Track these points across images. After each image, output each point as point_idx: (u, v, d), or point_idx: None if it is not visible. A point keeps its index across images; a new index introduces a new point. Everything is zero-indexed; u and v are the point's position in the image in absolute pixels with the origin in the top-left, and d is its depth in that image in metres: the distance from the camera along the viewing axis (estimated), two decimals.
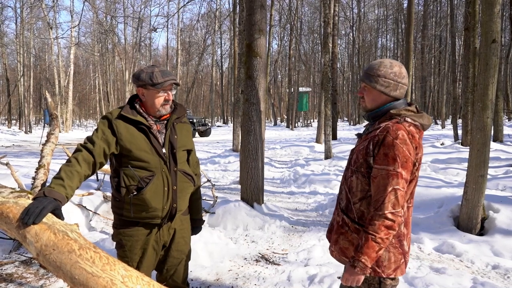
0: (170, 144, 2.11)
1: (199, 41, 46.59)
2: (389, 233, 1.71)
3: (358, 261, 1.74)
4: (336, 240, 1.98)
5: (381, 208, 1.71)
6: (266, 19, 5.87)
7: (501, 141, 14.21)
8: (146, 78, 2.05)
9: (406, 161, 1.73)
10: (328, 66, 11.59)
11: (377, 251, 1.72)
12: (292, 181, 9.13)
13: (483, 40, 4.38)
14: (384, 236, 1.71)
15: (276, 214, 5.76)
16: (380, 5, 45.70)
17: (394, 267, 1.85)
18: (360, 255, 1.73)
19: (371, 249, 1.72)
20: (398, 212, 1.71)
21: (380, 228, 1.71)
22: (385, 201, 1.70)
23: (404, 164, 1.72)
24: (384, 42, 50.08)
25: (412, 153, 1.74)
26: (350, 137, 22.46)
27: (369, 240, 1.72)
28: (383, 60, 1.92)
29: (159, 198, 2.05)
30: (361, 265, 1.74)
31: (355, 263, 1.75)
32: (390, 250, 1.84)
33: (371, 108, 1.92)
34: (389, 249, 1.84)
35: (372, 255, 1.72)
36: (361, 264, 1.73)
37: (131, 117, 2.04)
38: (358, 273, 1.75)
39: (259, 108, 5.75)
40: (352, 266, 1.76)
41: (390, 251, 1.84)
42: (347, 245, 1.91)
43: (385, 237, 1.71)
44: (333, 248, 2.00)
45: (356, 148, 1.94)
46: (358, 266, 1.74)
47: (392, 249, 1.85)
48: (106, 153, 2.00)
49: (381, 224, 1.71)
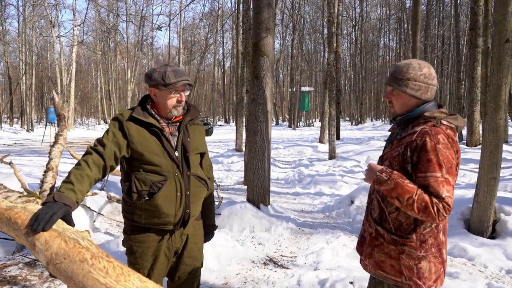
0: (183, 147, 2.03)
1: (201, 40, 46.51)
2: (427, 215, 1.62)
3: (387, 174, 1.67)
4: (370, 253, 1.87)
5: None
6: (273, 18, 5.79)
7: (506, 141, 14.11)
8: (159, 78, 1.97)
9: (451, 167, 1.64)
10: (333, 65, 11.51)
11: (401, 195, 1.63)
12: (296, 181, 9.05)
13: (496, 39, 4.29)
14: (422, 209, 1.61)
15: (282, 216, 5.68)
16: (382, 4, 45.58)
17: (435, 278, 1.76)
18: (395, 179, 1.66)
19: (406, 192, 1.62)
20: (445, 219, 1.64)
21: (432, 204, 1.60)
22: None
23: (450, 170, 1.64)
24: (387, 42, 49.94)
25: (454, 158, 1.66)
26: (353, 137, 22.38)
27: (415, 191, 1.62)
28: (411, 61, 1.83)
29: (171, 204, 1.97)
30: (383, 178, 1.67)
31: (384, 174, 1.68)
32: (431, 260, 1.75)
33: (402, 113, 1.83)
34: (429, 259, 1.75)
35: (398, 190, 1.64)
36: (384, 177, 1.67)
37: (142, 119, 1.96)
38: (375, 178, 1.70)
39: (265, 108, 5.67)
40: (380, 171, 1.69)
41: (431, 261, 1.75)
42: (384, 258, 1.81)
43: (420, 210, 1.61)
44: (366, 262, 1.90)
45: (387, 154, 1.84)
46: (382, 176, 1.68)
47: (432, 259, 1.75)
48: (117, 156, 1.92)
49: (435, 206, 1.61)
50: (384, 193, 1.70)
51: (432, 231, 1.75)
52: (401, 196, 1.63)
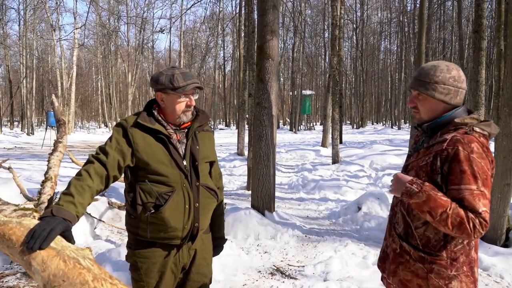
0: (192, 155, 1.90)
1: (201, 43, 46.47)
2: (462, 231, 1.47)
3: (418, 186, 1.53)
4: (394, 271, 1.73)
5: None
6: (279, 20, 5.67)
7: None
8: (166, 81, 1.84)
9: (486, 178, 1.50)
10: (336, 69, 11.38)
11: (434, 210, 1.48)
12: (300, 186, 8.90)
13: (509, 42, 4.16)
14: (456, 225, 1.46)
15: (288, 223, 5.54)
16: (383, 8, 45.54)
17: None
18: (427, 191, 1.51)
19: (439, 206, 1.48)
20: (481, 235, 1.50)
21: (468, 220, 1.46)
22: None
23: (485, 182, 1.50)
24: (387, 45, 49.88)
25: (489, 168, 1.52)
26: (355, 141, 22.23)
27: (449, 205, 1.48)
28: (438, 63, 1.68)
29: (179, 217, 1.83)
30: (414, 190, 1.52)
31: (414, 185, 1.53)
32: (462, 279, 1.60)
33: (429, 119, 1.69)
34: (460, 279, 1.60)
35: (430, 204, 1.49)
36: (415, 189, 1.52)
37: (148, 125, 1.83)
38: (404, 190, 1.55)
39: (271, 112, 5.53)
40: (410, 183, 1.55)
41: (462, 281, 1.60)
42: (410, 277, 1.66)
43: (455, 226, 1.46)
44: (390, 280, 1.75)
45: (413, 163, 1.70)
46: (413, 187, 1.53)
47: (464, 279, 1.61)
48: (121, 166, 1.79)
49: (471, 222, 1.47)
50: (414, 207, 1.55)
51: (464, 248, 1.61)
52: (433, 210, 1.48)
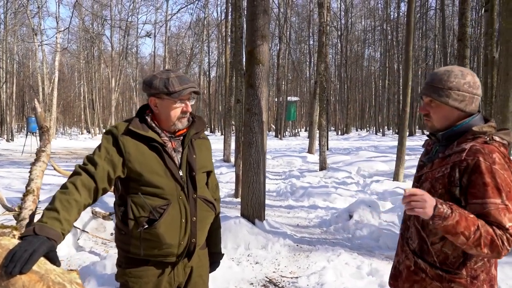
0: (188, 165, 1.76)
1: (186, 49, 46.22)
2: (493, 250, 1.37)
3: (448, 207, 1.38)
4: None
5: None
6: (269, 25, 5.57)
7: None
8: (160, 85, 1.70)
9: (510, 191, 1.40)
10: (324, 75, 11.36)
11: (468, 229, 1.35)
12: (289, 193, 8.79)
13: (503, 49, 4.15)
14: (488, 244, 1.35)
15: (279, 232, 5.40)
16: (367, 16, 46.14)
17: None
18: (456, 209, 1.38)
19: (471, 224, 1.36)
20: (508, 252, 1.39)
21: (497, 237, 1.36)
22: None
23: (509, 195, 1.39)
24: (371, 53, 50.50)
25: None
26: (341, 147, 22.29)
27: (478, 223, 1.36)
28: (452, 68, 1.59)
29: (175, 232, 1.69)
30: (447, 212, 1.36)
31: (444, 206, 1.38)
32: None
33: (442, 127, 1.58)
34: None
35: (463, 223, 1.35)
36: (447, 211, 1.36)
37: (141, 132, 1.68)
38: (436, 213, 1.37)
39: (261, 118, 5.42)
40: (440, 204, 1.38)
41: None
42: None
43: (486, 245, 1.35)
44: None
45: (427, 174, 1.59)
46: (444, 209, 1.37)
47: None
48: (111, 177, 1.64)
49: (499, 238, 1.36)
50: (445, 230, 1.38)
51: (485, 265, 1.51)
52: (467, 230, 1.35)
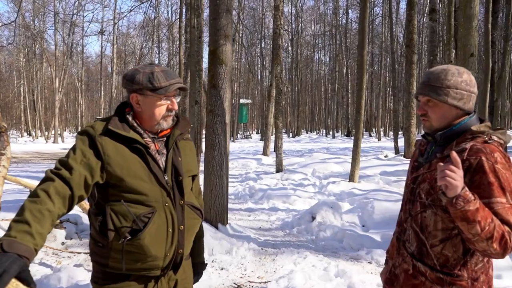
0: (174, 169, 1.61)
1: (136, 50, 44.90)
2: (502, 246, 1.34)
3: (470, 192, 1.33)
4: None
5: None
6: (232, 25, 5.47)
7: None
8: (144, 80, 1.54)
9: (511, 190, 1.39)
10: (280, 78, 11.42)
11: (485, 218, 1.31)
12: (248, 196, 8.71)
13: (461, 54, 4.32)
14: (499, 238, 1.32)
15: (242, 236, 5.30)
16: (317, 21, 47.28)
17: None
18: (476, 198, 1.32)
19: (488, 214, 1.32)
20: None
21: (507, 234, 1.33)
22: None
23: (511, 194, 1.38)
24: (321, 57, 51.79)
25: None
26: (293, 149, 22.56)
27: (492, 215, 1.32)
28: (448, 67, 1.57)
29: (161, 243, 1.53)
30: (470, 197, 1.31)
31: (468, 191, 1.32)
32: None
33: (440, 126, 1.55)
34: None
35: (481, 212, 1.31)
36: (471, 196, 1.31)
37: (122, 133, 1.52)
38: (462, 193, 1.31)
39: (224, 120, 5.29)
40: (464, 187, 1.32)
41: None
42: None
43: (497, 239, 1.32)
44: None
45: (425, 176, 1.55)
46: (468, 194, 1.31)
47: None
48: (89, 183, 1.45)
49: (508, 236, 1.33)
50: (462, 215, 1.31)
51: (484, 267, 1.50)
52: (484, 220, 1.31)
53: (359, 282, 3.89)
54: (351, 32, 40.21)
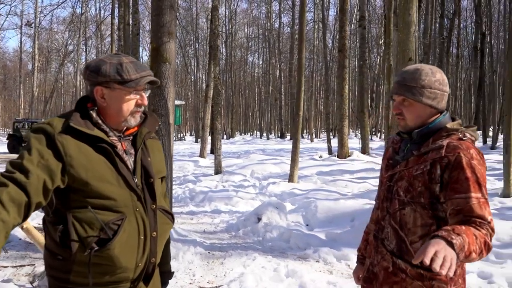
0: (144, 170, 1.46)
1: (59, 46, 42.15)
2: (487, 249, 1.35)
3: (455, 235, 1.25)
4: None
5: None
6: (176, 22, 5.28)
7: (368, 153, 15.70)
8: (112, 71, 1.38)
9: (485, 186, 1.43)
10: (218, 78, 11.31)
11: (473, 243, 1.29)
12: (188, 199, 8.49)
13: (400, 58, 4.54)
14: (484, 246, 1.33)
15: (188, 240, 5.13)
16: (250, 24, 47.79)
17: None
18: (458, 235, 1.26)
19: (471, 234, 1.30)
20: None
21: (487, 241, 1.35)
22: None
23: (486, 189, 1.43)
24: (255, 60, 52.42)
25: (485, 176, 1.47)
26: (229, 151, 22.52)
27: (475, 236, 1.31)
28: (421, 66, 1.60)
29: (131, 252, 1.38)
30: (461, 242, 1.24)
31: (454, 238, 1.23)
32: None
33: (415, 126, 1.57)
34: None
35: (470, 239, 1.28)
36: (460, 241, 1.24)
37: (85, 130, 1.34)
38: (458, 252, 1.22)
39: (168, 120, 5.07)
40: (448, 241, 1.22)
41: None
42: None
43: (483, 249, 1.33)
44: None
45: (402, 173, 1.56)
46: (457, 241, 1.23)
47: None
48: (48, 188, 1.27)
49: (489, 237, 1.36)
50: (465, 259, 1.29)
51: None
52: (473, 245, 1.29)
53: (309, 281, 3.93)
54: (284, 36, 41.19)
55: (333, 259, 4.62)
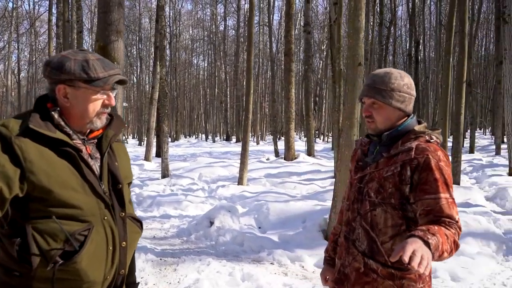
0: (112, 176, 1.36)
1: None
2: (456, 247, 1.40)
3: (431, 235, 1.30)
4: None
5: None
6: (124, 20, 5.08)
7: (313, 156, 16.09)
8: (77, 69, 1.27)
9: (452, 186, 1.49)
10: (165, 80, 11.05)
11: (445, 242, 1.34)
12: (135, 204, 8.17)
13: (350, 62, 4.68)
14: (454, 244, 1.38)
15: (138, 247, 4.92)
16: (195, 25, 47.33)
17: None
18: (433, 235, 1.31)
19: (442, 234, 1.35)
20: None
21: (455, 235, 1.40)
22: None
23: (452, 190, 1.49)
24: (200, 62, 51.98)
25: None
26: (175, 154, 22.06)
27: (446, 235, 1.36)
28: (390, 70, 1.64)
29: (99, 265, 1.27)
30: (435, 241, 1.29)
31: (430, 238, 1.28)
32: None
33: (384, 128, 1.61)
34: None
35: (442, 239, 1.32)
36: (435, 240, 1.29)
37: (47, 133, 1.22)
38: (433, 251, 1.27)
39: None
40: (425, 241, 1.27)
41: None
42: None
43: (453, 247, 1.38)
44: None
45: (372, 175, 1.59)
46: (432, 241, 1.28)
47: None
48: (5, 197, 1.14)
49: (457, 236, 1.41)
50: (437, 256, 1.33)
51: None
52: (445, 244, 1.34)
53: (265, 284, 3.92)
54: (229, 39, 41.22)
55: (287, 261, 4.64)
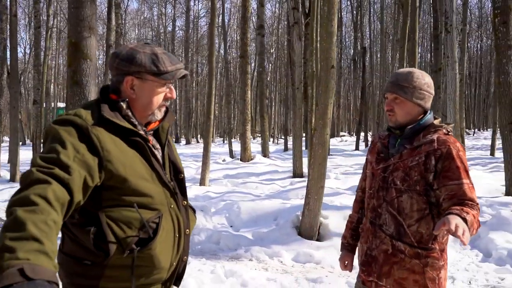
0: (174, 166, 1.40)
1: None
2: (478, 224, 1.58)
3: (467, 214, 1.48)
4: (388, 272, 1.72)
5: None
6: (96, 16, 4.96)
7: (268, 157, 16.37)
8: (147, 62, 1.29)
9: (469, 173, 1.69)
10: None
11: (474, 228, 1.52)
12: None
13: (324, 65, 4.90)
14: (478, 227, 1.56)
15: None
16: (141, 25, 46.26)
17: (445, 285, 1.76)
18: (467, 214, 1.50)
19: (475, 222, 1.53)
20: None
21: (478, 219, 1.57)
22: None
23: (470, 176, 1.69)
24: None
25: None
26: None
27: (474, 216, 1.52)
28: (413, 70, 1.81)
29: (168, 252, 1.32)
30: (470, 219, 1.48)
31: (465, 215, 1.47)
32: (446, 267, 1.75)
33: (404, 122, 1.78)
34: (445, 267, 1.74)
35: (474, 224, 1.51)
36: (470, 218, 1.48)
37: (119, 123, 1.24)
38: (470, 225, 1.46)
39: None
40: (462, 217, 1.45)
41: (446, 269, 1.75)
42: (406, 274, 1.69)
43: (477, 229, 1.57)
44: (383, 282, 1.73)
45: (397, 165, 1.74)
46: (468, 218, 1.47)
47: (446, 266, 1.76)
48: (88, 186, 1.15)
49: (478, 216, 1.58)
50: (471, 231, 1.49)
51: (448, 239, 1.77)
52: (475, 221, 1.54)
53: (250, 279, 4.00)
54: (177, 40, 40.70)
55: (265, 257, 4.75)
